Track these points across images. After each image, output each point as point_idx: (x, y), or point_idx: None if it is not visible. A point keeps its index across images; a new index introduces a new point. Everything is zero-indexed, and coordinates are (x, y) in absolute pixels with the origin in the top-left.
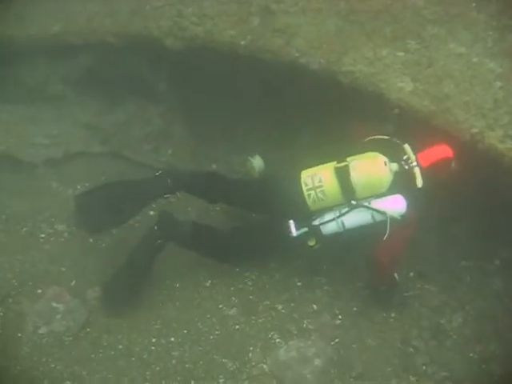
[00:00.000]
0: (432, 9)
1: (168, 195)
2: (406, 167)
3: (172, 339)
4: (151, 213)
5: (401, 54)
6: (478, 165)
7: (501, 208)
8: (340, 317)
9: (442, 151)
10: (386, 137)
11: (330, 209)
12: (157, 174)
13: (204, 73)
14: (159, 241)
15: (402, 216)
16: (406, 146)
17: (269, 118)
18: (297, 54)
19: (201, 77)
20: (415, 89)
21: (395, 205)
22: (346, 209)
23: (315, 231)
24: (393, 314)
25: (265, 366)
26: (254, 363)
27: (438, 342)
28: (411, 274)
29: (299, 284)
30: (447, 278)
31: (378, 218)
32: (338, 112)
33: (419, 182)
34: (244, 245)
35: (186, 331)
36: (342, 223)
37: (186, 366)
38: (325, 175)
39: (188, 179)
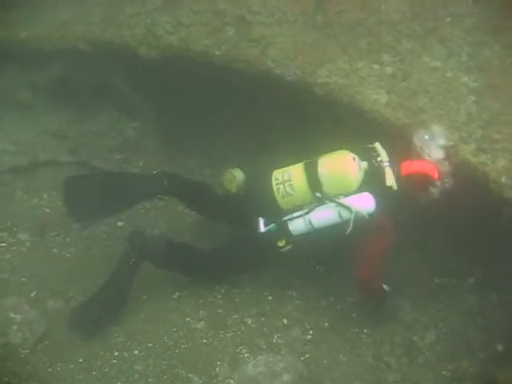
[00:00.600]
0: (407, 23)
1: (160, 196)
2: (377, 165)
3: (135, 352)
4: (119, 223)
5: (376, 66)
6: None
7: (475, 225)
8: (311, 332)
9: (426, 167)
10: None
11: (299, 208)
12: (154, 172)
13: (178, 83)
14: (133, 260)
15: (370, 215)
16: (377, 145)
17: (244, 129)
18: (272, 65)
19: (175, 87)
20: (390, 101)
21: (362, 202)
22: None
23: (283, 227)
24: (365, 330)
25: (232, 381)
26: (220, 378)
27: (410, 359)
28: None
29: (270, 298)
30: (421, 295)
31: (345, 215)
32: (313, 123)
33: (388, 181)
34: (221, 259)
35: (150, 344)
36: (310, 222)
37: (150, 380)
38: (294, 171)
39: (183, 184)
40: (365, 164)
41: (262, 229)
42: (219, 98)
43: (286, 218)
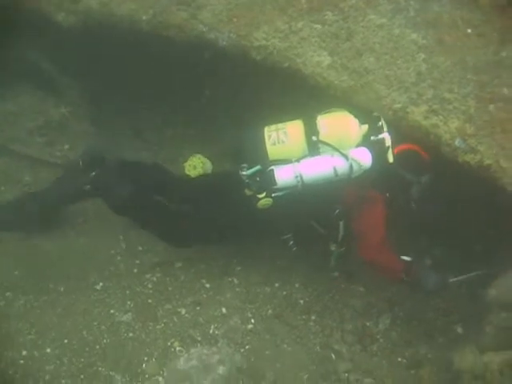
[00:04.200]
0: None
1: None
2: (377, 133)
3: (48, 351)
4: None
5: (317, 26)
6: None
7: (433, 201)
8: (252, 321)
9: (417, 146)
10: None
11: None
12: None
13: (102, 54)
14: (88, 187)
15: (366, 171)
16: (380, 116)
17: (180, 105)
18: (204, 29)
19: (99, 59)
20: (333, 63)
21: (360, 155)
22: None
23: (268, 174)
24: (313, 317)
25: (160, 378)
26: (147, 376)
27: (363, 347)
28: (335, 273)
29: (207, 286)
30: (374, 277)
31: (340, 170)
32: (252, 92)
33: (390, 156)
34: (189, 211)
35: (66, 341)
36: (300, 173)
37: (62, 381)
38: (290, 122)
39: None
40: (365, 127)
41: (245, 171)
42: (149, 70)
43: (272, 167)
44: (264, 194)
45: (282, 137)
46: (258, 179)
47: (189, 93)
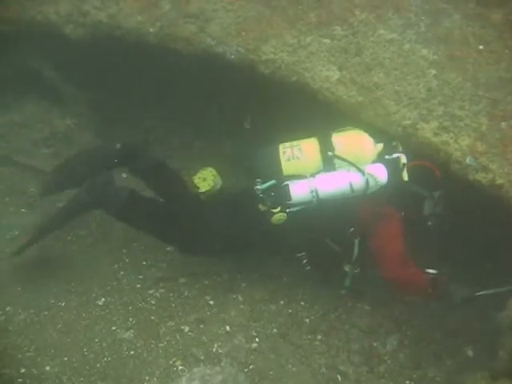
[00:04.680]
0: None
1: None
2: (392, 153)
3: (47, 369)
4: None
5: (326, 40)
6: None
7: (440, 219)
8: (257, 340)
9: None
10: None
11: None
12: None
13: (110, 66)
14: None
15: (382, 187)
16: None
17: (187, 117)
18: (212, 42)
19: (107, 71)
20: (342, 78)
21: (376, 171)
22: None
23: (282, 189)
24: (319, 336)
25: None
26: None
27: (370, 368)
28: (342, 291)
29: (211, 303)
30: (383, 296)
31: (357, 186)
32: (261, 107)
33: (405, 175)
34: (198, 224)
35: (66, 358)
36: (316, 190)
37: None
38: (305, 140)
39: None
40: (380, 145)
41: (259, 186)
42: (156, 82)
43: (287, 182)
44: (278, 209)
45: (297, 153)
46: (272, 194)
47: (196, 105)
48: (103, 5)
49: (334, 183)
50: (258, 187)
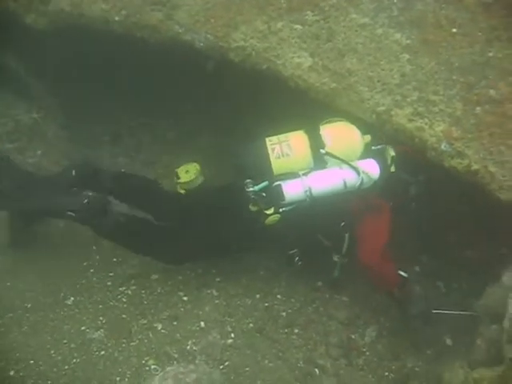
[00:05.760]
0: None
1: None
2: (378, 144)
3: (11, 373)
4: None
5: (298, 26)
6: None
7: (419, 210)
8: (232, 335)
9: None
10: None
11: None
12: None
13: (74, 57)
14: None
15: (375, 182)
16: None
17: (157, 109)
18: (180, 30)
19: (71, 62)
20: (314, 64)
21: (369, 167)
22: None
23: (276, 189)
24: (296, 330)
25: None
26: None
27: (349, 361)
28: (319, 283)
29: (185, 299)
30: (360, 287)
31: (350, 182)
32: (232, 96)
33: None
34: (188, 232)
35: (32, 361)
36: (309, 189)
37: None
38: (292, 133)
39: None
40: (368, 137)
41: (252, 187)
42: (122, 73)
43: (279, 182)
44: (272, 210)
45: (286, 150)
46: (264, 194)
47: (166, 96)
48: None
49: (328, 181)
50: (251, 189)
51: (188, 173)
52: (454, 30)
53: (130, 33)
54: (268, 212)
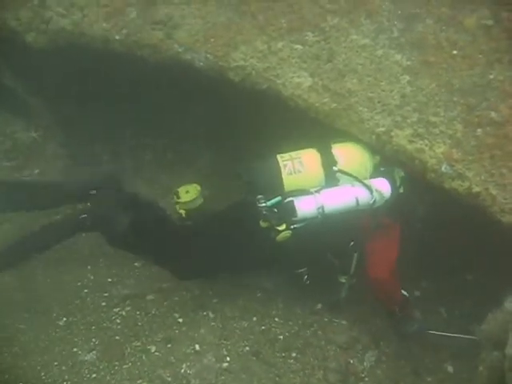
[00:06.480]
0: None
1: None
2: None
3: None
4: None
5: (298, 46)
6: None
7: (420, 235)
8: (228, 359)
9: None
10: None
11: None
12: None
13: (74, 75)
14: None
15: (386, 201)
16: None
17: (158, 128)
18: (180, 49)
19: (71, 81)
20: (314, 84)
21: (380, 185)
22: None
23: (288, 205)
24: (293, 354)
25: None
26: None
27: None
28: (318, 305)
29: (180, 320)
30: (360, 311)
31: (362, 201)
32: (232, 116)
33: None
34: (200, 245)
35: None
36: (322, 206)
37: None
38: (304, 150)
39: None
40: (377, 158)
41: (264, 203)
42: (123, 92)
43: (291, 198)
44: (284, 227)
45: (298, 166)
46: (275, 210)
47: (167, 115)
48: (67, 11)
49: (341, 199)
50: (263, 205)
51: (188, 193)
52: (455, 52)
53: (130, 52)
54: (280, 228)
